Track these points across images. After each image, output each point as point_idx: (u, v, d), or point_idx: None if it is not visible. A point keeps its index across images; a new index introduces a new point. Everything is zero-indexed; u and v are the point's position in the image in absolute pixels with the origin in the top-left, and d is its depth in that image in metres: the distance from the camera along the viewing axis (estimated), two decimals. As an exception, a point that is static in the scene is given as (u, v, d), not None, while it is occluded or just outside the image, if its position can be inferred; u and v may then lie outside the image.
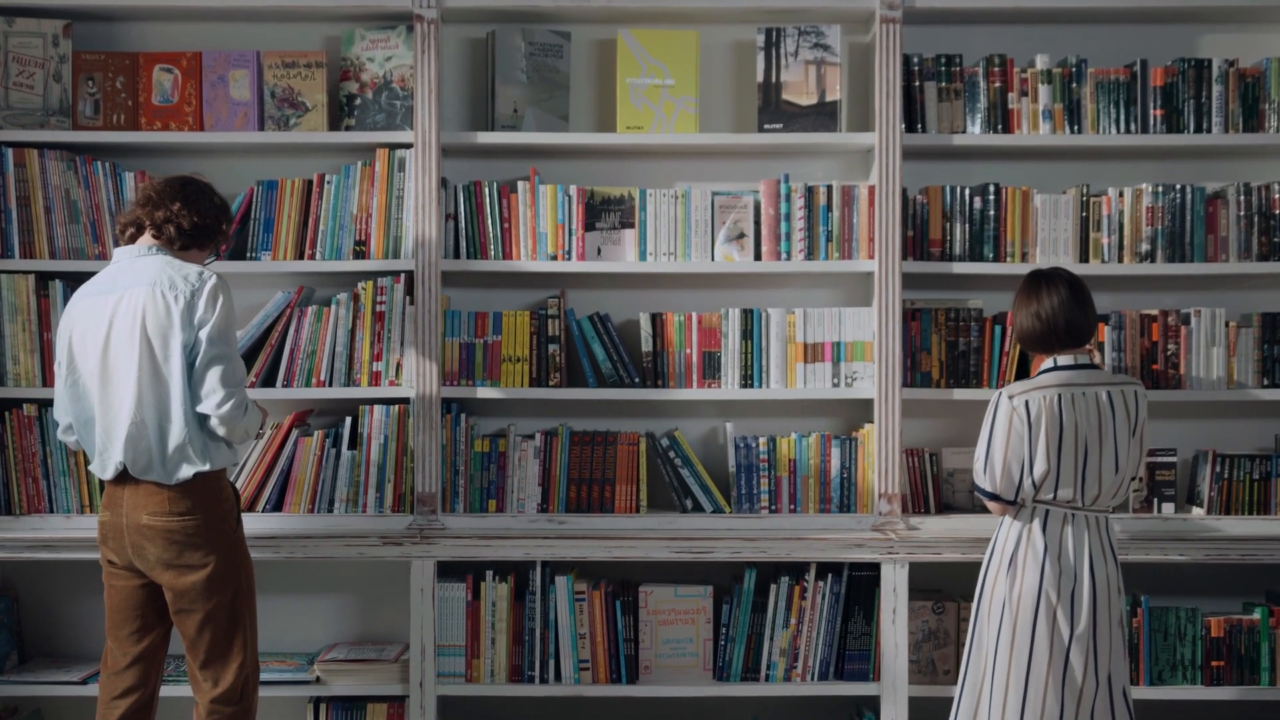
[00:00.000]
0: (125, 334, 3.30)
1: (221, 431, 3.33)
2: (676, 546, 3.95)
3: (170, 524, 3.31)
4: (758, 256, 4.08)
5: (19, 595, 4.22)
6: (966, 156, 4.20)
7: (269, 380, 4.02)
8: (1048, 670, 3.39)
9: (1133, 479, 3.52)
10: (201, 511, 3.33)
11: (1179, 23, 4.22)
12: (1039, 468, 3.39)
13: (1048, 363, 3.50)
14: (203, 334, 3.29)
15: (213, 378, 3.29)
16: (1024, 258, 4.06)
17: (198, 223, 3.41)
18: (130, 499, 3.33)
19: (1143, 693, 3.96)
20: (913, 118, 4.06)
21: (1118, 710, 3.45)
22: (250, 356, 4.00)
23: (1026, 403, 3.41)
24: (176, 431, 3.30)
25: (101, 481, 3.43)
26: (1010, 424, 3.41)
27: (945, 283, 4.15)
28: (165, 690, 3.58)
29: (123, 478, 3.34)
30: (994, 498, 3.46)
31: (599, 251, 4.07)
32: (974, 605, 3.54)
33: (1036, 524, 3.43)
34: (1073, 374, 3.45)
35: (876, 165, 4.01)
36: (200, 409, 3.31)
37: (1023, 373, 4.07)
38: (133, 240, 3.43)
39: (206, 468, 3.33)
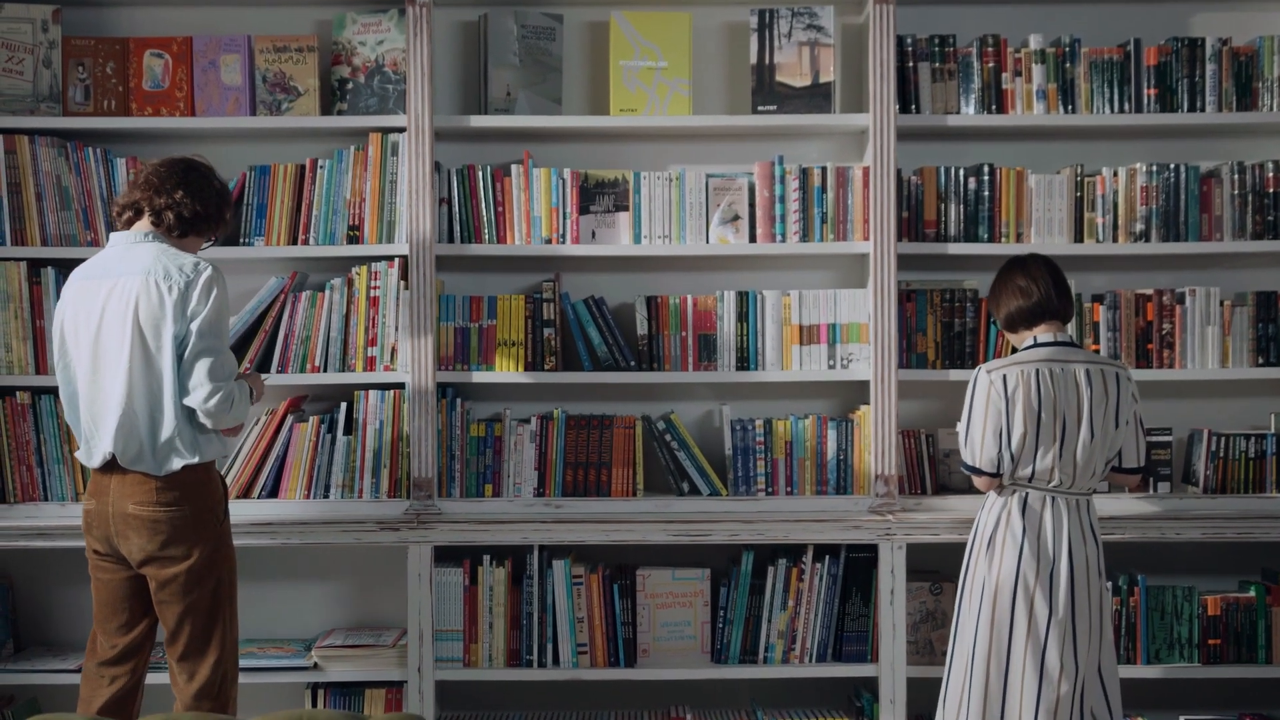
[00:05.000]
0: (117, 322, 3.26)
1: (208, 424, 3.29)
2: (674, 529, 3.95)
3: (156, 514, 3.27)
4: (753, 239, 4.07)
5: (14, 584, 4.20)
6: (961, 137, 4.20)
7: (263, 366, 4.01)
8: (1025, 652, 3.40)
9: (1135, 470, 3.54)
10: (189, 503, 3.29)
11: (1172, 1, 4.22)
12: (1015, 435, 3.41)
13: (1028, 341, 3.52)
14: (194, 326, 3.25)
15: (200, 371, 3.24)
16: (1019, 238, 4.06)
17: (199, 211, 3.36)
18: (117, 488, 3.29)
19: (1140, 671, 3.98)
20: (907, 99, 4.05)
21: (1110, 693, 3.46)
22: (244, 342, 3.99)
23: (1004, 376, 3.44)
24: (168, 423, 3.26)
25: (85, 469, 3.37)
26: (988, 397, 3.44)
27: (940, 264, 4.15)
28: (151, 677, 3.53)
29: (109, 467, 3.30)
30: (977, 471, 3.48)
31: (593, 235, 4.06)
32: (958, 588, 3.56)
33: (1015, 506, 3.45)
34: (1053, 350, 3.48)
35: (871, 146, 4.00)
36: (187, 402, 3.26)
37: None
38: (129, 224, 3.38)
39: (195, 460, 3.30)
